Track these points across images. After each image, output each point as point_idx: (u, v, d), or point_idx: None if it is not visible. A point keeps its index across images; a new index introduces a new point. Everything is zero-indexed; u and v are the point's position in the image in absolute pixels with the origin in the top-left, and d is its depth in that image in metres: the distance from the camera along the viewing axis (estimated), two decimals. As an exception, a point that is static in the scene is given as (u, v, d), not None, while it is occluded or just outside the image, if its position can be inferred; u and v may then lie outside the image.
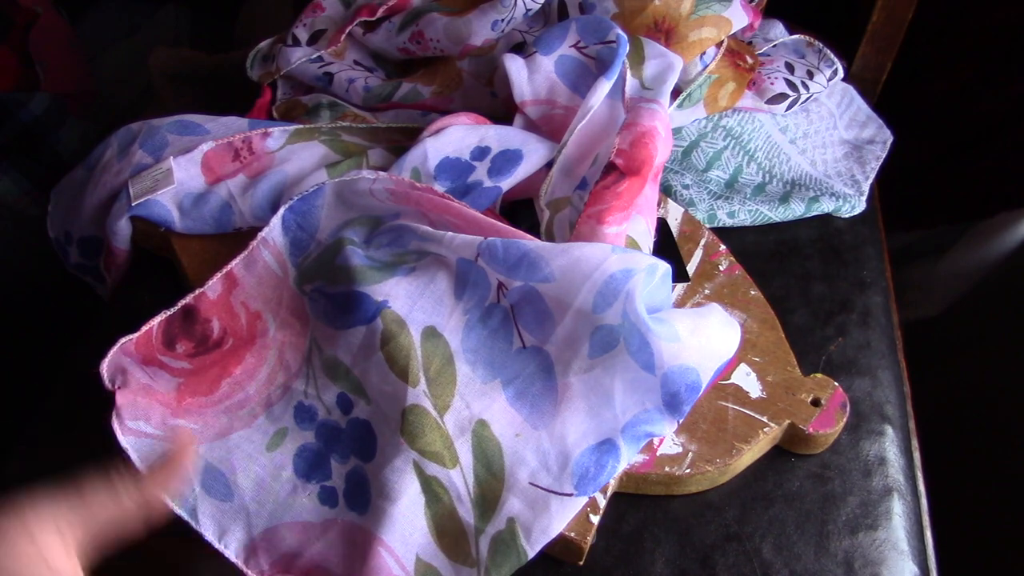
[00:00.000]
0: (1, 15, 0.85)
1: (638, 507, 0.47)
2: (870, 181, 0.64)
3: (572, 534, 0.44)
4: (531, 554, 0.42)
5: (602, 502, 0.45)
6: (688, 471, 0.46)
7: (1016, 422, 0.77)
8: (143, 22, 0.97)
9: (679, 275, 0.54)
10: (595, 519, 0.44)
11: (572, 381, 0.45)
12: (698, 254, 0.56)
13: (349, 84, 0.63)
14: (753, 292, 0.54)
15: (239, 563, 0.43)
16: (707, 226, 0.59)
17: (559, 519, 0.43)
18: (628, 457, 0.45)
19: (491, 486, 0.44)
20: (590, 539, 0.44)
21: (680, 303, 0.53)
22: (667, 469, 0.46)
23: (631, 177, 0.49)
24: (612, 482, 0.45)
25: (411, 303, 0.47)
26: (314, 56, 0.65)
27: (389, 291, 0.47)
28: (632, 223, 0.50)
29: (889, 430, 0.51)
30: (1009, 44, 0.76)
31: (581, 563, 0.45)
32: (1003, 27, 0.75)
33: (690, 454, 0.47)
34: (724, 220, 0.61)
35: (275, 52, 0.67)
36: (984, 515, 0.76)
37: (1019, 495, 0.74)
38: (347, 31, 0.64)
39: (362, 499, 0.44)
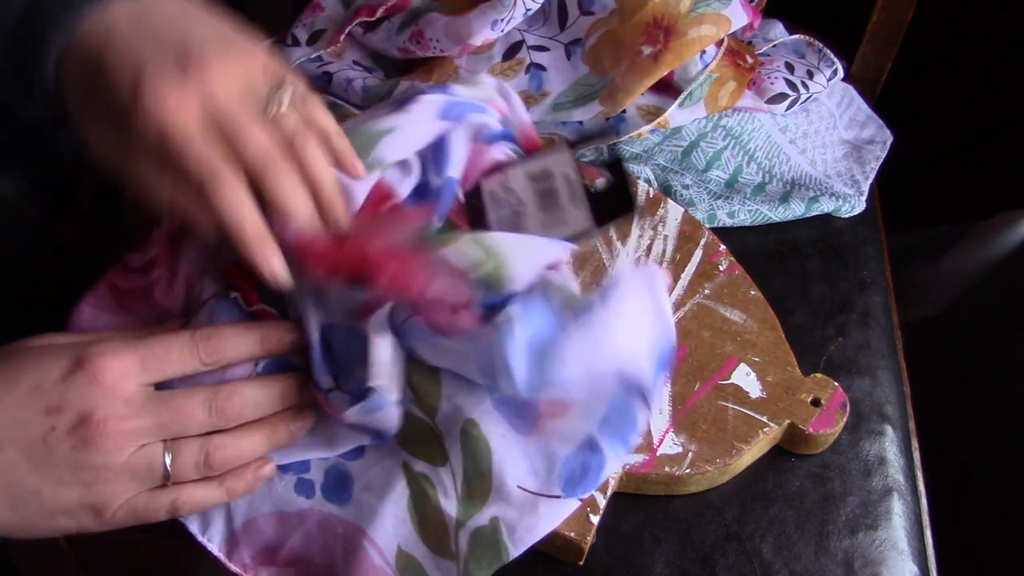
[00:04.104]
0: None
1: (638, 507, 0.47)
2: (870, 181, 0.64)
3: (572, 534, 0.44)
4: (513, 552, 0.42)
5: (602, 502, 0.45)
6: (688, 471, 0.46)
7: (1016, 422, 0.77)
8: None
9: (628, 208, 0.51)
10: (595, 519, 0.44)
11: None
12: (698, 254, 0.56)
13: (348, 84, 0.63)
14: (753, 292, 0.54)
15: (222, 556, 0.43)
16: (707, 226, 0.59)
17: (547, 520, 0.42)
18: (616, 457, 0.44)
19: (479, 487, 0.43)
20: (590, 539, 0.44)
21: (680, 303, 0.53)
22: (667, 469, 0.46)
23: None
24: (612, 482, 0.45)
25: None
26: (313, 56, 0.65)
27: None
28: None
29: (889, 430, 0.51)
30: (1009, 44, 0.76)
31: (581, 563, 0.45)
32: (1003, 27, 0.75)
33: (690, 454, 0.47)
34: (724, 220, 0.61)
35: (275, 52, 0.67)
36: (984, 515, 0.77)
37: (1019, 495, 0.75)
38: (347, 31, 0.64)
39: (343, 493, 0.44)
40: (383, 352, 0.43)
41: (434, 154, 0.50)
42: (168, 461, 0.39)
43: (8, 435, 0.37)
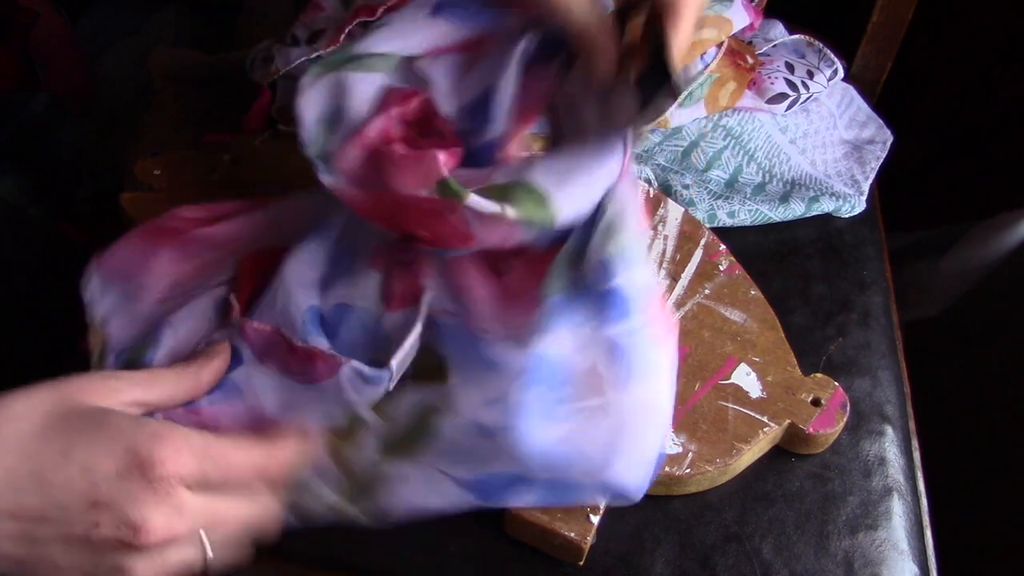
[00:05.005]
0: (1, 16, 0.85)
1: (638, 507, 0.47)
2: (870, 181, 0.64)
3: (572, 534, 0.44)
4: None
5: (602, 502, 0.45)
6: (688, 471, 0.46)
7: (1016, 422, 0.77)
8: (143, 22, 0.97)
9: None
10: (595, 519, 0.44)
11: None
12: (698, 254, 0.56)
13: (349, 84, 0.63)
14: (753, 292, 0.54)
15: None
16: (707, 226, 0.59)
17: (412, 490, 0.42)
18: (542, 502, 0.43)
19: (402, 447, 0.42)
20: (590, 539, 0.44)
21: (680, 303, 0.53)
22: (667, 469, 0.46)
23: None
24: (612, 482, 0.45)
25: None
26: (313, 56, 0.65)
27: None
28: None
29: (889, 430, 0.51)
30: (1009, 44, 0.76)
31: (581, 563, 0.45)
32: (1003, 27, 0.75)
33: (690, 454, 0.47)
34: (724, 220, 0.61)
35: (275, 52, 0.67)
36: (984, 515, 0.76)
37: (1019, 495, 0.74)
38: (347, 31, 0.64)
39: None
40: (411, 343, 0.43)
41: (474, 108, 0.46)
42: (210, 557, 0.38)
43: (48, 514, 0.35)
